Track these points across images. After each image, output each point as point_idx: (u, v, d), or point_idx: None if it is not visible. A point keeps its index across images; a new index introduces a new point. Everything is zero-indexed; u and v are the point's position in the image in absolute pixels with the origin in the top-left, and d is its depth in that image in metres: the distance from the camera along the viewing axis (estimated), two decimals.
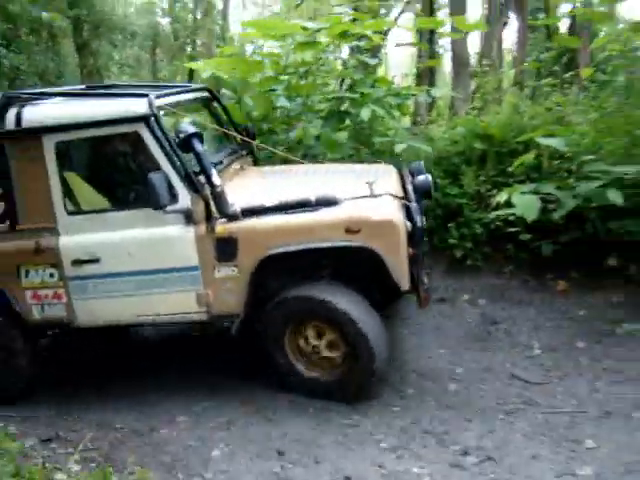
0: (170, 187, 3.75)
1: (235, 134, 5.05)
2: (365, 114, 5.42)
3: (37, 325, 4.23)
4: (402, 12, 14.20)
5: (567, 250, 5.10)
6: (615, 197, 4.37)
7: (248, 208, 3.88)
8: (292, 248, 3.78)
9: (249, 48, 7.87)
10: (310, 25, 5.53)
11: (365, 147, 6.12)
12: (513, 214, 4.86)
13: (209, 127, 4.75)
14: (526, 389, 3.96)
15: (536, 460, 3.23)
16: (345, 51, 7.43)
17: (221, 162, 4.40)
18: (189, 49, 20.02)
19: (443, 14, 15.97)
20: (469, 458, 3.31)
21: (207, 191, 3.85)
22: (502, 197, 4.73)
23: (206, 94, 5.08)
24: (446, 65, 18.52)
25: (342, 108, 6.15)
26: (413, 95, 6.49)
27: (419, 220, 3.90)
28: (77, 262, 4.03)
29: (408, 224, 3.81)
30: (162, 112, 3.97)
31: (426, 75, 13.14)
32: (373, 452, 3.45)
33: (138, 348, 5.24)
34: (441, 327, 4.94)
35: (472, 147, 6.15)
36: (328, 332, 3.93)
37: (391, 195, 3.99)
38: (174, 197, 3.80)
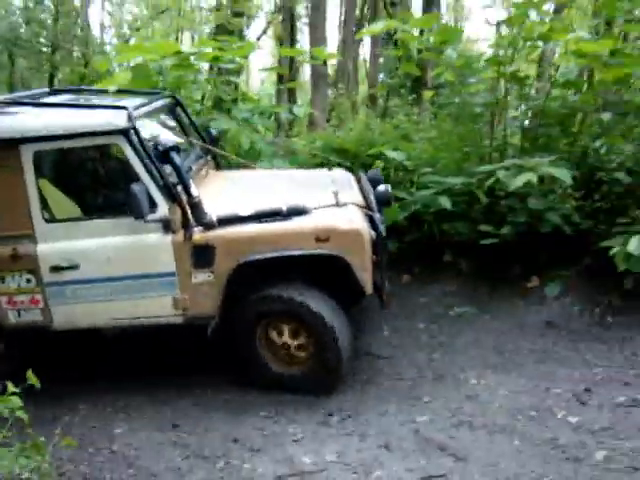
0: (149, 197, 3.89)
1: (199, 141, 5.25)
2: (246, 143, 6.00)
3: (14, 329, 4.28)
4: (264, 32, 14.89)
5: (410, 248, 5.99)
6: (445, 202, 5.32)
7: (224, 217, 4.05)
8: (266, 255, 3.99)
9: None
10: (185, 49, 6.07)
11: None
12: None
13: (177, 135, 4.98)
14: (377, 363, 4.76)
15: (385, 415, 3.99)
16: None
17: (190, 168, 4.54)
18: (51, 54, 19.44)
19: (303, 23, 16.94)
20: (333, 417, 4.03)
21: (184, 201, 4.00)
22: None
23: (172, 101, 5.23)
24: (306, 74, 19.61)
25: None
26: (276, 112, 7.20)
27: (382, 230, 4.25)
28: (56, 268, 4.09)
29: (372, 233, 4.10)
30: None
31: (286, 91, 13.93)
32: (255, 419, 4.06)
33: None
34: None
35: (329, 160, 6.96)
36: (298, 330, 4.19)
37: (355, 205, 4.32)
38: (153, 206, 3.93)
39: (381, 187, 4.69)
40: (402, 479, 3.29)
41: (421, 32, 6.86)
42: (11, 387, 2.65)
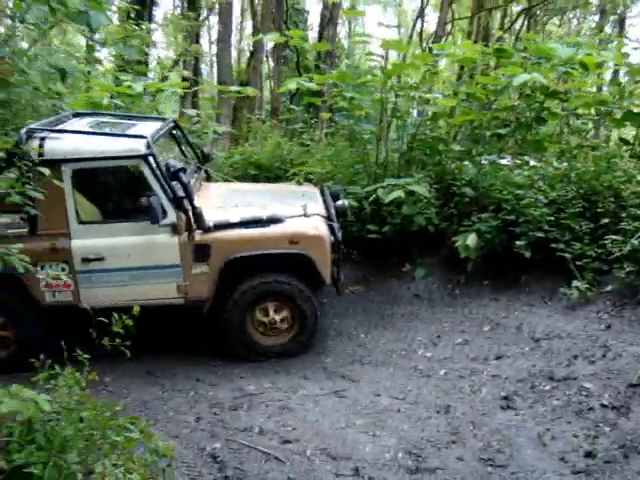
0: (162, 207, 4.99)
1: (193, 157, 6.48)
2: None
3: (48, 306, 5.30)
4: (176, 63, 15.97)
5: None
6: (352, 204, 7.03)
7: (218, 223, 5.18)
8: (250, 253, 5.21)
9: None
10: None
11: None
12: None
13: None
14: None
15: (302, 359, 5.66)
16: None
17: (189, 182, 5.53)
18: None
19: None
20: (266, 362, 5.66)
21: (189, 210, 5.11)
22: None
23: (172, 124, 6.39)
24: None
25: None
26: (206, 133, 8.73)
27: (339, 235, 5.53)
28: (85, 260, 5.14)
29: (331, 238, 5.37)
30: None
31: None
32: (209, 367, 5.51)
33: None
34: None
35: (247, 172, 8.59)
36: (283, 307, 5.46)
37: (319, 215, 5.55)
38: (164, 214, 5.02)
39: (339, 202, 5.98)
40: (317, 394, 4.94)
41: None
42: None
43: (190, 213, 5.16)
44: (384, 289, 6.96)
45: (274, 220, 5.32)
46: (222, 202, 5.85)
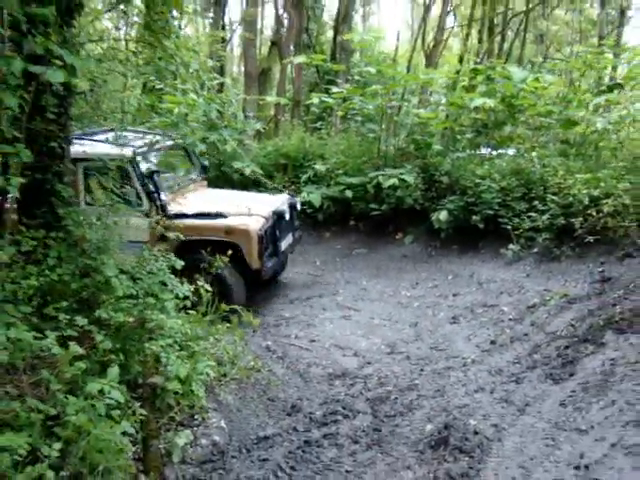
0: (140, 198, 6.59)
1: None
2: (229, 147, 10.01)
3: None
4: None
5: (330, 218, 10.21)
6: (348, 194, 9.52)
7: (177, 213, 6.49)
8: (197, 238, 6.33)
9: None
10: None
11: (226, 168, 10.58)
12: (308, 202, 9.77)
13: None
14: (315, 279, 8.94)
15: (322, 297, 8.15)
16: None
17: (179, 184, 7.51)
18: None
19: None
20: (296, 300, 8.15)
21: (157, 202, 6.56)
22: (303, 196, 9.62)
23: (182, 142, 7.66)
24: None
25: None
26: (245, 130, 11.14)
27: (268, 231, 7.05)
28: None
29: (260, 233, 6.76)
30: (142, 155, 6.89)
31: None
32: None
33: None
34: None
35: (278, 161, 11.02)
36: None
37: (260, 215, 7.02)
38: (140, 203, 6.66)
39: (281, 207, 7.59)
40: (332, 318, 7.39)
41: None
42: None
43: (157, 204, 6.62)
44: (381, 251, 9.47)
45: (219, 215, 6.57)
46: (203, 201, 7.26)
